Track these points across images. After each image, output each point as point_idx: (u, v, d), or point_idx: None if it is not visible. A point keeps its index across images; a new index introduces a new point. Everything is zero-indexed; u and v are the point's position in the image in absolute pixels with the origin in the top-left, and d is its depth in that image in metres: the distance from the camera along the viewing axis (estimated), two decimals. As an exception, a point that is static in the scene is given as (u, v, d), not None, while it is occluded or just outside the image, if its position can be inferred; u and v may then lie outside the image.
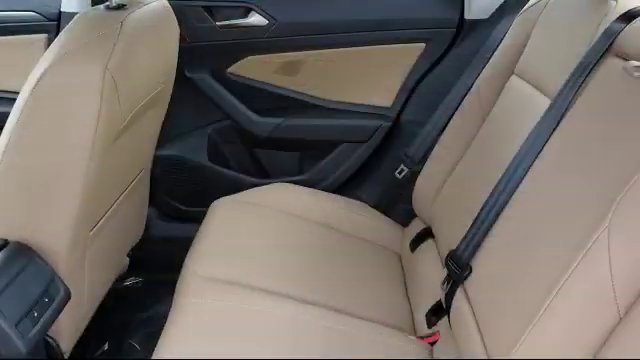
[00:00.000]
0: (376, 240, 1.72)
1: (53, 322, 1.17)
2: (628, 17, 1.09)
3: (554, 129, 1.10)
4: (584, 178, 0.92)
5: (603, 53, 1.07)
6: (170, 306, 1.31)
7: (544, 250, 0.94)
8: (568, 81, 1.12)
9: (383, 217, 1.80)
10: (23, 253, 1.15)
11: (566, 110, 1.10)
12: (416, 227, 1.69)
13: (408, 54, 1.82)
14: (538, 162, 1.11)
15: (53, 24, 1.81)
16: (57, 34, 1.77)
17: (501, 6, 1.72)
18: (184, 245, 1.53)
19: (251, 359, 1.11)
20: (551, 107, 1.14)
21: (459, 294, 1.20)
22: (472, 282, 1.18)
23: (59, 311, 1.18)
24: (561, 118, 1.10)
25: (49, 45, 1.79)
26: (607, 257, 0.78)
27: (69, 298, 1.21)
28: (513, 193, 1.13)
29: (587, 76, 1.08)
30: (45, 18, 1.82)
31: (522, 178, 1.13)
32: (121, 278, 1.84)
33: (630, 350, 0.75)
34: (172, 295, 1.36)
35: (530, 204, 1.07)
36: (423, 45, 1.80)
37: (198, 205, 1.80)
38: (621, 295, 0.77)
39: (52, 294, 1.16)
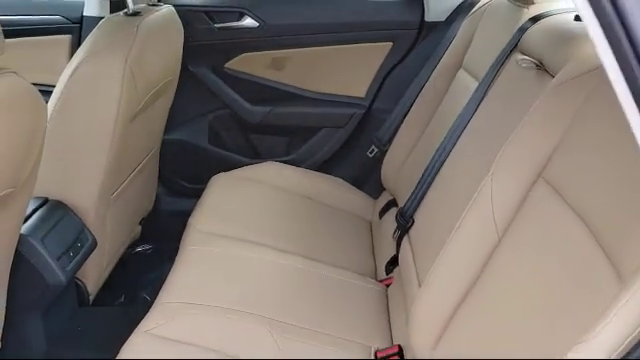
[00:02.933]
0: (350, 210, 2.00)
1: (84, 262, 1.47)
2: (535, 19, 1.39)
3: (476, 108, 1.40)
4: (487, 141, 1.22)
5: (512, 49, 1.37)
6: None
7: (457, 198, 1.23)
8: (488, 71, 1.42)
9: (357, 191, 2.08)
10: (60, 208, 1.46)
11: (485, 94, 1.40)
12: (384, 199, 1.98)
13: (378, 52, 2.10)
14: (464, 133, 1.41)
15: (76, 26, 2.06)
16: (80, 35, 2.08)
17: (454, 10, 1.99)
18: (188, 217, 1.75)
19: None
20: (476, 91, 1.44)
21: (405, 241, 1.50)
22: (414, 231, 1.48)
23: (88, 254, 1.49)
24: (481, 100, 1.40)
25: (72, 44, 2.10)
26: (490, 197, 1.08)
27: (95, 245, 1.51)
28: (447, 157, 1.43)
29: (500, 67, 1.38)
30: (69, 21, 2.07)
31: (454, 145, 1.43)
32: (134, 245, 2.12)
33: (504, 263, 1.05)
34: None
35: (456, 164, 1.38)
36: (390, 44, 2.08)
37: (200, 182, 2.03)
38: (499, 223, 1.07)
39: (83, 241, 1.46)
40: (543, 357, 0.79)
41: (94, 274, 1.62)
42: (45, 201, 1.45)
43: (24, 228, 1.33)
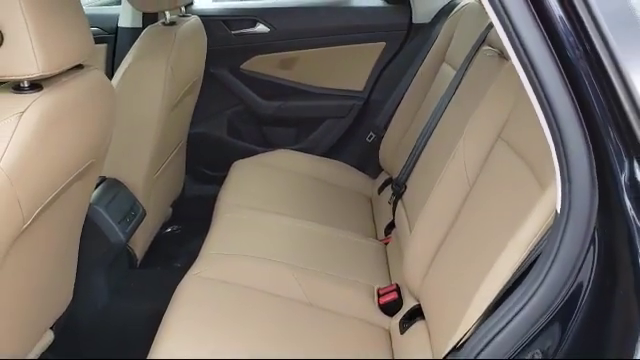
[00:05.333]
0: (353, 188, 2.31)
1: (137, 229, 1.78)
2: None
3: (454, 91, 1.72)
4: (462, 115, 1.53)
5: (481, 42, 1.68)
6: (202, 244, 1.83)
7: (439, 162, 1.54)
8: (463, 61, 1.74)
9: (358, 172, 2.39)
10: (116, 185, 1.77)
11: (460, 80, 1.71)
12: (382, 178, 2.29)
13: (373, 51, 2.42)
14: (445, 111, 1.72)
15: (111, 36, 2.35)
16: (115, 44, 2.39)
17: (437, 13, 2.32)
18: (211, 201, 2.04)
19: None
20: (454, 78, 1.76)
21: (399, 205, 1.81)
22: (407, 195, 1.79)
23: (139, 222, 1.79)
24: (458, 84, 1.72)
25: (108, 53, 2.41)
26: (462, 156, 1.39)
27: (145, 215, 1.82)
28: (432, 132, 1.75)
29: (472, 58, 1.69)
30: (105, 32, 2.35)
31: (437, 122, 1.74)
32: (165, 225, 2.42)
33: (474, 207, 1.35)
34: (204, 237, 1.81)
35: (438, 137, 1.69)
36: (384, 44, 2.40)
37: (220, 170, 2.32)
38: (470, 176, 1.38)
39: (135, 211, 1.77)
40: (495, 264, 1.07)
41: (140, 242, 1.93)
42: (104, 178, 1.76)
43: (91, 198, 1.63)
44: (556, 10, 0.73)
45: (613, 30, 0.68)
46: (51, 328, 1.54)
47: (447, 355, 0.94)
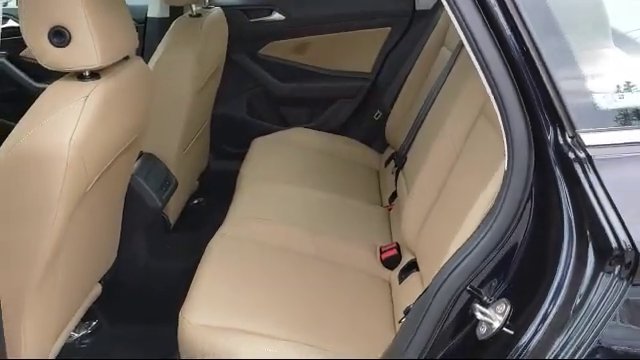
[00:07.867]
0: (362, 162, 2.53)
1: (170, 197, 2.03)
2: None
3: (449, 71, 1.94)
4: (453, 93, 1.75)
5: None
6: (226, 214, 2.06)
7: (432, 135, 1.77)
8: (457, 46, 1.95)
9: (366, 147, 2.62)
10: (152, 159, 2.02)
11: (454, 62, 1.93)
12: (388, 152, 2.51)
13: (380, 35, 2.63)
14: (441, 91, 1.94)
15: (141, 26, 2.56)
16: (144, 33, 2.62)
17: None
18: (233, 175, 2.27)
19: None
20: (448, 61, 1.97)
21: (400, 175, 2.05)
22: (407, 167, 2.02)
23: (173, 191, 2.05)
24: (452, 66, 1.93)
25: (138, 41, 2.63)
26: (450, 128, 1.61)
27: (177, 185, 2.07)
28: (429, 109, 1.97)
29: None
30: (136, 22, 2.38)
31: (434, 100, 1.96)
32: (192, 198, 2.66)
33: (460, 171, 1.58)
34: (228, 207, 2.03)
35: (434, 114, 1.92)
36: (389, 29, 2.61)
37: (241, 147, 2.53)
38: (457, 146, 1.60)
39: (169, 181, 2.02)
40: (467, 216, 1.28)
41: (173, 209, 2.18)
42: (141, 153, 2.01)
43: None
44: (504, 24, 0.96)
45: (540, 36, 0.91)
46: (100, 282, 1.80)
47: (423, 292, 1.17)
